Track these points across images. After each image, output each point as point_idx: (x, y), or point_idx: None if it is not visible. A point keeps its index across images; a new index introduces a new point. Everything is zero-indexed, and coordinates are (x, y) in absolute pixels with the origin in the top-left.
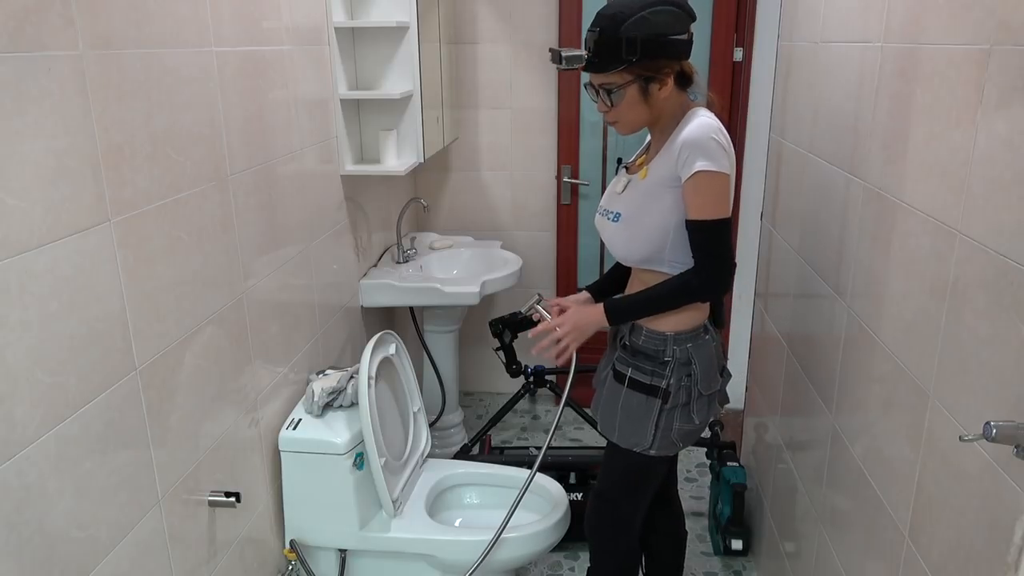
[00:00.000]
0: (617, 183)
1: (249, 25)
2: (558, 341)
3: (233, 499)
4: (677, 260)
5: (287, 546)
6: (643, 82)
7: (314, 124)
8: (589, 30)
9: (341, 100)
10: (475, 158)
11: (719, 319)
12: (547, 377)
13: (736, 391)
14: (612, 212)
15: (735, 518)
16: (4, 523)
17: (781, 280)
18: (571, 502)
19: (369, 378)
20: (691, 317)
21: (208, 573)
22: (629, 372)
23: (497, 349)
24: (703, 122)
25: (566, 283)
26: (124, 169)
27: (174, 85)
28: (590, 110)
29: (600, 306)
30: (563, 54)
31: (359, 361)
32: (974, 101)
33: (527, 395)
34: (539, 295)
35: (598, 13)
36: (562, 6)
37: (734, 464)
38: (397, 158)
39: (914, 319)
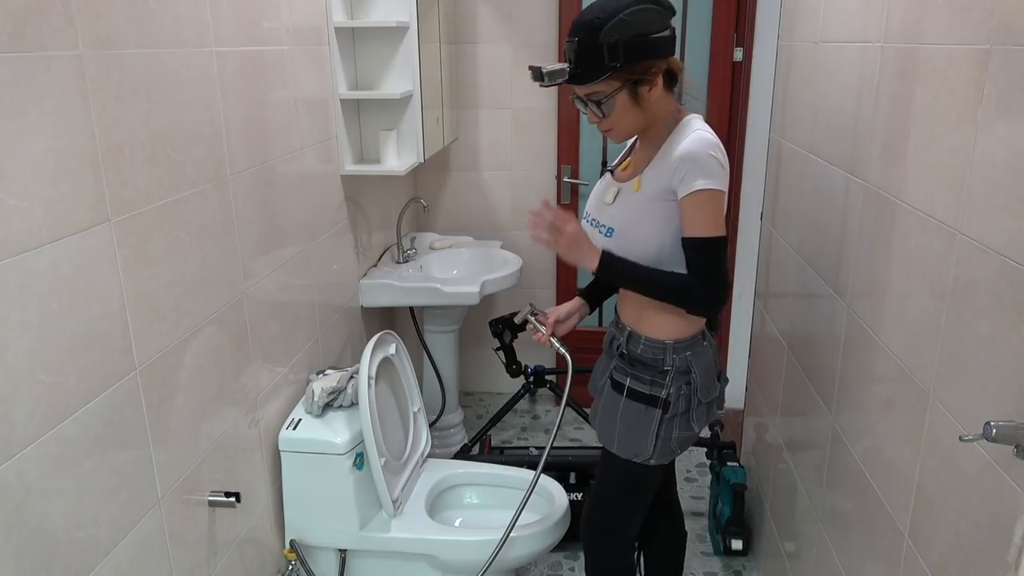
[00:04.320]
0: (606, 192)
1: (249, 25)
2: (549, 234)
3: (233, 499)
4: (677, 270)
5: (287, 546)
6: (632, 86)
7: (314, 124)
8: (568, 41)
9: (341, 100)
10: (475, 158)
11: (713, 324)
12: (547, 377)
13: (736, 391)
14: (604, 226)
15: (735, 518)
16: (4, 523)
17: (781, 280)
18: (571, 502)
19: (369, 378)
20: (690, 325)
21: (208, 573)
22: (627, 382)
23: (497, 349)
24: (701, 137)
25: (566, 283)
26: (124, 169)
27: (174, 85)
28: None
29: (598, 251)
30: (544, 70)
31: (359, 361)
32: (974, 101)
33: (527, 395)
34: (531, 305)
35: (574, 22)
36: (562, 6)
37: (734, 464)
38: (397, 158)
39: (914, 319)
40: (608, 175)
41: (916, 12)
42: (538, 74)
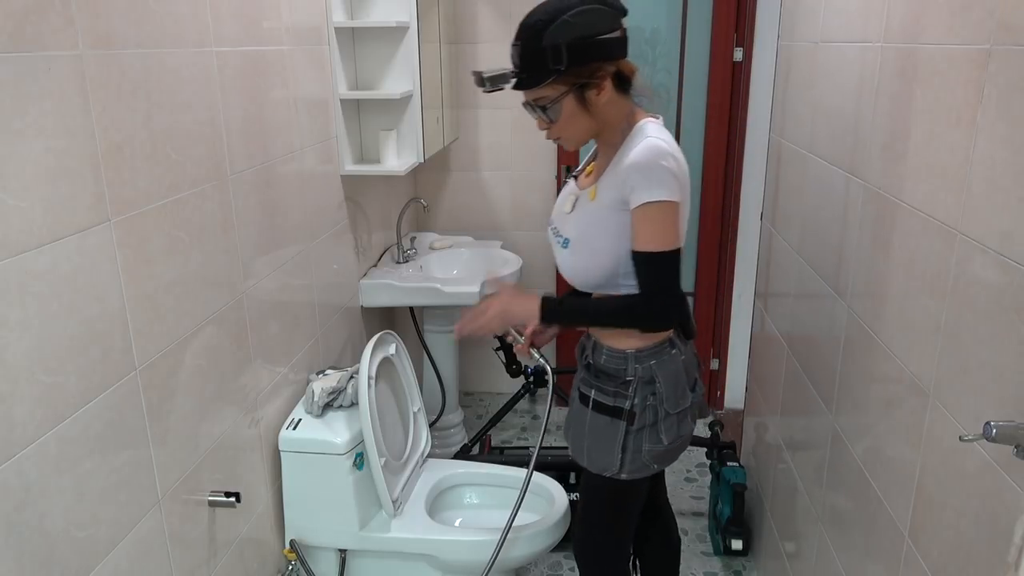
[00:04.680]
0: (566, 200)
1: (249, 25)
2: (479, 318)
3: (233, 499)
4: (632, 284)
5: (287, 546)
6: (578, 91)
7: (314, 124)
8: (512, 44)
9: (341, 100)
10: (475, 158)
11: (688, 330)
12: (546, 377)
13: (736, 391)
14: (562, 236)
15: (735, 518)
16: (4, 523)
17: (781, 280)
18: (571, 502)
19: (369, 378)
20: (652, 334)
21: (208, 573)
22: (592, 393)
23: (497, 349)
24: (651, 145)
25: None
26: (124, 169)
27: (174, 85)
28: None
29: (536, 298)
30: (484, 75)
31: (359, 361)
32: (974, 101)
33: (527, 395)
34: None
35: (519, 24)
36: None
37: (734, 464)
38: (397, 158)
39: (914, 319)
40: (572, 181)
41: (916, 12)
42: (480, 79)
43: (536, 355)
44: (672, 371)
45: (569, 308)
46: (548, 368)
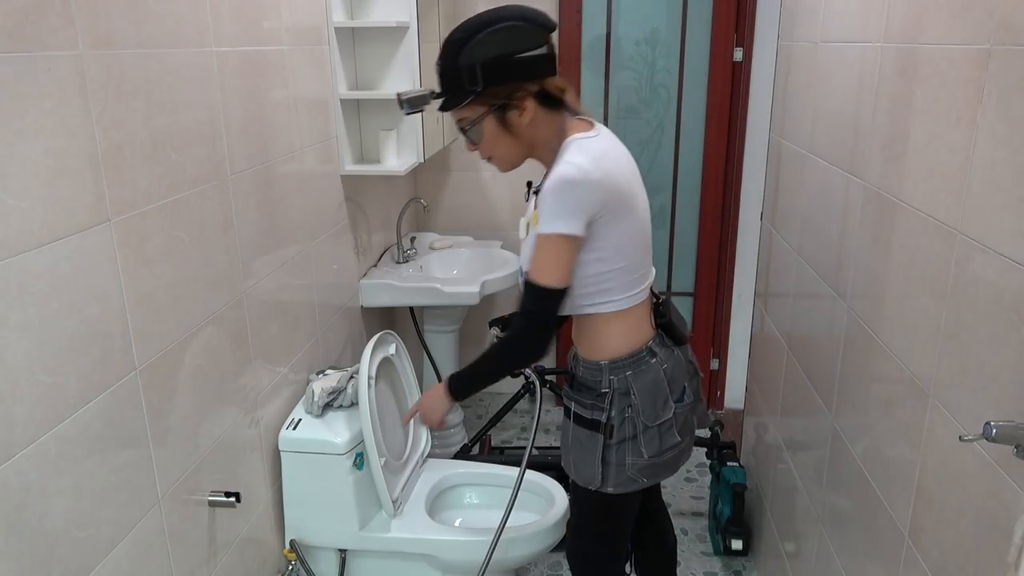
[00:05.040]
0: (522, 225)
1: (249, 25)
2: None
3: (233, 499)
4: (595, 301)
5: (287, 546)
6: (498, 112)
7: (314, 124)
8: (435, 63)
9: (341, 100)
10: (475, 158)
11: (676, 335)
12: (547, 377)
13: (736, 391)
14: (521, 268)
15: (735, 518)
16: (4, 523)
17: (781, 280)
18: (571, 502)
19: (369, 378)
20: (625, 342)
21: (208, 573)
22: (572, 406)
23: None
24: (559, 173)
25: None
26: (124, 169)
27: (174, 85)
28: (590, 110)
29: (444, 383)
30: (403, 97)
31: (359, 361)
32: (974, 101)
33: (527, 395)
34: (496, 328)
35: (443, 41)
36: (562, 6)
37: (734, 464)
38: (397, 158)
39: (914, 319)
40: (533, 196)
41: (916, 12)
42: (399, 102)
43: (528, 370)
44: (649, 382)
45: (467, 374)
46: (537, 383)
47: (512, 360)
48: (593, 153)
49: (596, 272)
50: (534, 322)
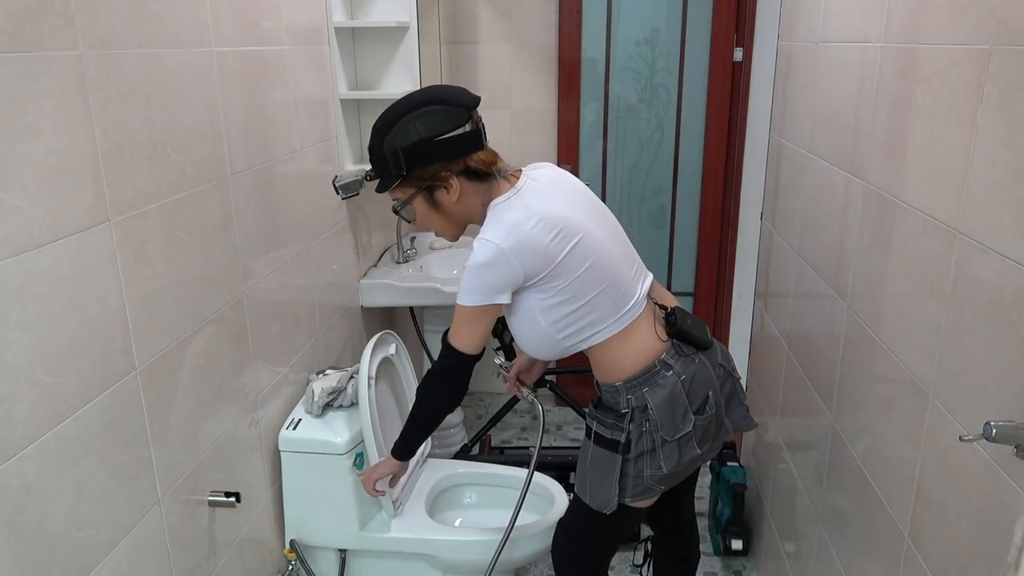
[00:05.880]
0: None
1: (249, 25)
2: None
3: (233, 499)
4: (583, 337)
5: (287, 546)
6: (427, 192)
7: (314, 124)
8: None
9: (341, 100)
10: None
11: (696, 342)
12: (547, 377)
13: None
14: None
15: (735, 518)
16: (4, 523)
17: (781, 280)
18: (571, 501)
19: (369, 378)
20: (636, 360)
21: (208, 573)
22: (594, 425)
23: (497, 349)
24: (474, 252)
25: None
26: (124, 169)
27: (174, 85)
28: (590, 110)
29: (386, 458)
30: (336, 184)
31: (359, 361)
32: (974, 101)
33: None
34: (496, 354)
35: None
36: (562, 6)
37: (734, 464)
38: None
39: (914, 319)
40: None
41: (916, 12)
42: (334, 187)
43: (526, 392)
44: (666, 395)
45: (404, 433)
46: (540, 406)
47: (432, 413)
48: (507, 224)
49: (570, 311)
50: (444, 376)
